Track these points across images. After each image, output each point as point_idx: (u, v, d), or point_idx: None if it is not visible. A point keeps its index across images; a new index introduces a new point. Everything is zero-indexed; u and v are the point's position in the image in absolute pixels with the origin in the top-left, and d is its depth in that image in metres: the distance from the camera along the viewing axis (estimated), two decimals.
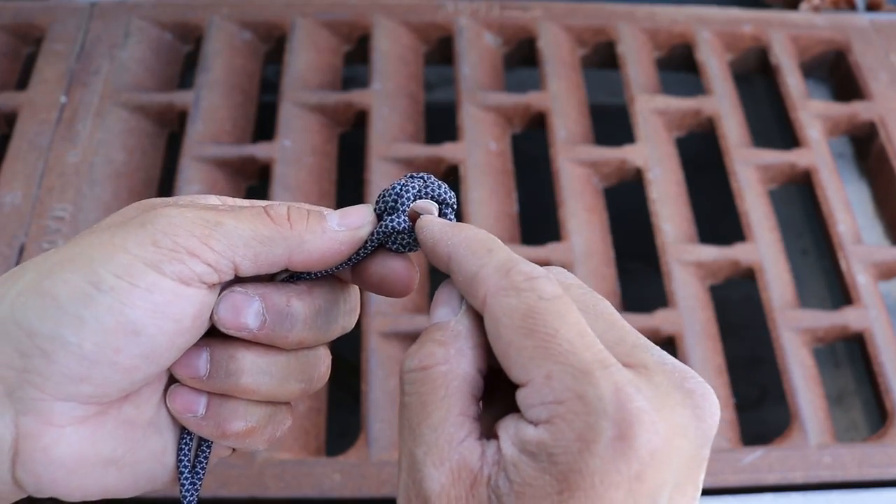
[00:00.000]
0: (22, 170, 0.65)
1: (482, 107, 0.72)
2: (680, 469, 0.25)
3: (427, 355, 0.27)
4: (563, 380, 0.24)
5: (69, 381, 0.27)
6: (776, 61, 0.78)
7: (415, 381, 0.27)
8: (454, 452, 0.26)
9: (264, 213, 0.29)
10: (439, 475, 0.25)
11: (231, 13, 0.76)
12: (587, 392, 0.24)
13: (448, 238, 0.29)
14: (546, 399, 0.24)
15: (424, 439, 0.26)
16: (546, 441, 0.24)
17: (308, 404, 0.58)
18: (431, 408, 0.26)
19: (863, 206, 0.75)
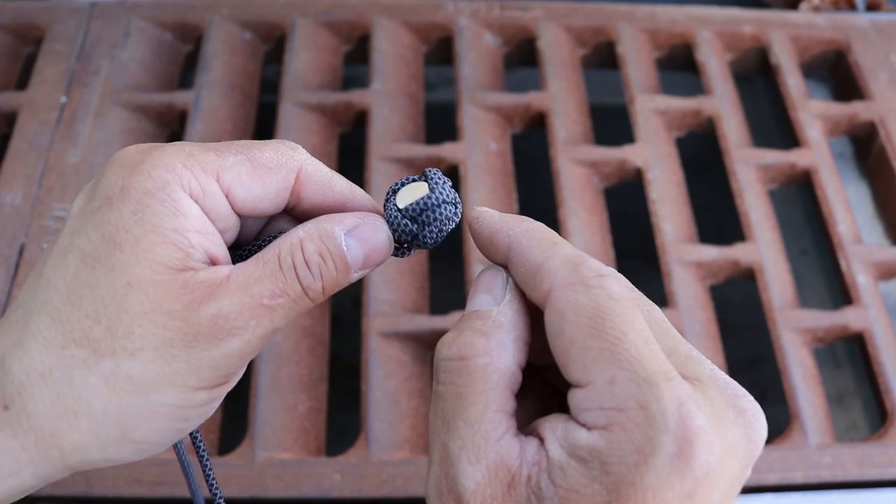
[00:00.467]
0: (22, 170, 0.65)
1: (482, 107, 0.72)
2: (726, 488, 0.25)
3: (467, 345, 0.26)
4: (627, 387, 0.24)
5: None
6: (776, 61, 0.78)
7: (451, 371, 0.26)
8: (491, 450, 0.25)
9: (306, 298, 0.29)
10: (475, 472, 0.25)
11: (231, 13, 0.77)
12: (651, 404, 0.23)
13: (508, 228, 0.29)
14: (606, 405, 0.24)
15: (459, 433, 0.25)
16: (601, 448, 0.23)
17: (308, 404, 0.58)
18: (468, 401, 0.26)
19: (863, 206, 0.75)
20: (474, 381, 0.26)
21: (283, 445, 0.55)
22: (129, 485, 0.52)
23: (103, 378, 0.26)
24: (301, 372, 0.59)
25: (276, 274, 0.28)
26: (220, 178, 0.29)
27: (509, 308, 0.28)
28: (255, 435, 0.55)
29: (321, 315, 0.63)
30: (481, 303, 0.28)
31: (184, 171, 0.28)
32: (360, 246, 0.30)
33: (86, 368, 0.26)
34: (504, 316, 0.27)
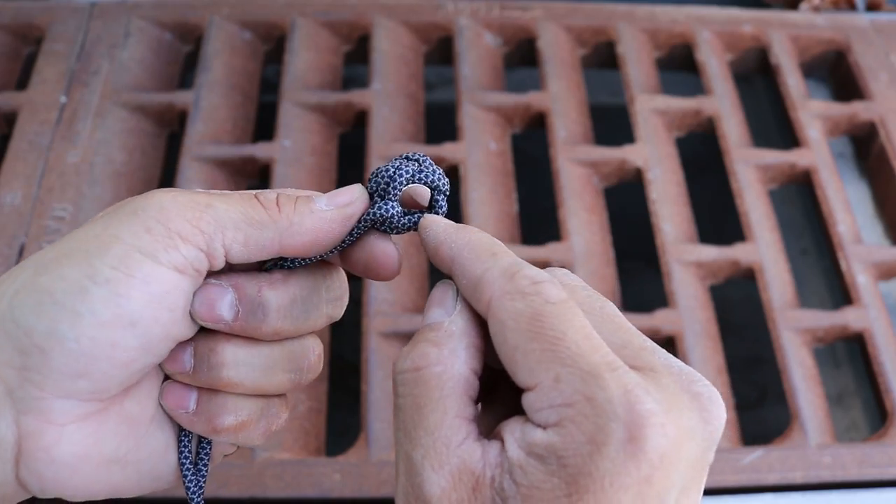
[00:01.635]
0: (22, 170, 0.65)
1: (482, 107, 0.72)
2: (686, 472, 0.25)
3: (420, 356, 0.27)
4: (572, 382, 0.24)
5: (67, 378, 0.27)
6: (776, 61, 0.78)
7: (407, 383, 0.27)
8: (453, 455, 0.25)
9: (254, 198, 0.29)
10: (439, 479, 0.25)
11: (231, 13, 0.77)
12: (596, 395, 0.24)
13: (452, 240, 0.29)
14: (555, 402, 0.24)
15: (421, 442, 0.26)
16: (556, 444, 0.24)
17: (308, 405, 0.58)
18: (427, 410, 0.26)
19: (863, 206, 0.75)
20: (430, 390, 0.26)
21: (283, 445, 0.55)
22: None
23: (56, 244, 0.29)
24: None
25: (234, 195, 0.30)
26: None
27: (460, 317, 0.28)
28: None
29: None
30: (434, 316, 0.29)
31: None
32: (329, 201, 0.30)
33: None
34: (455, 325, 0.28)
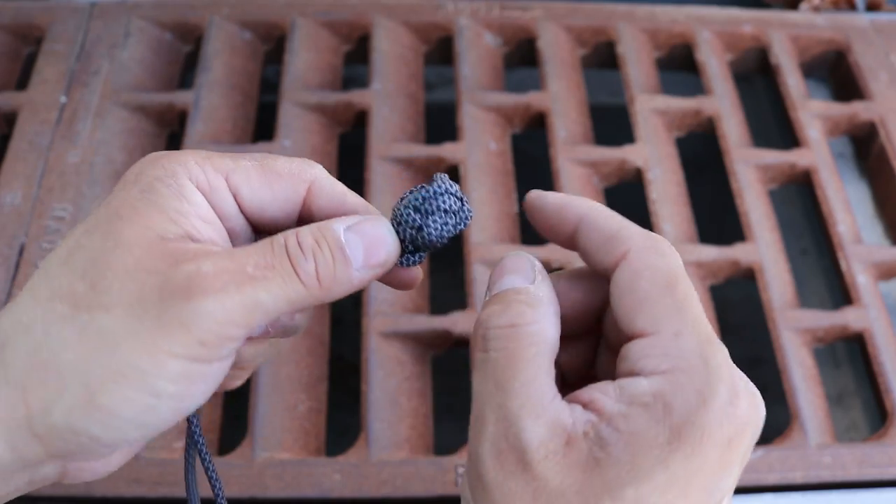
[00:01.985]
0: (22, 170, 0.65)
1: (482, 107, 0.72)
2: (747, 447, 0.27)
3: (517, 314, 0.28)
4: (690, 341, 0.27)
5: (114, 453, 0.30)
6: (776, 61, 0.78)
7: (502, 338, 0.28)
8: (549, 409, 0.26)
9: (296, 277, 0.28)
10: (537, 427, 0.26)
11: (231, 13, 0.77)
12: (710, 358, 0.26)
13: (576, 202, 0.31)
14: (670, 352, 0.26)
15: (518, 392, 0.27)
16: (665, 390, 0.26)
17: (308, 404, 0.58)
18: (522, 363, 0.27)
19: (863, 206, 0.75)
20: (527, 347, 0.27)
21: (283, 445, 0.55)
22: (128, 485, 0.52)
23: (77, 331, 0.26)
24: (301, 372, 0.59)
25: (265, 248, 0.28)
26: (228, 178, 0.30)
27: (544, 285, 0.30)
28: (254, 435, 0.55)
29: (321, 315, 0.63)
30: (514, 281, 0.30)
31: (194, 166, 0.29)
32: (361, 240, 0.30)
33: (63, 322, 0.26)
34: (542, 291, 0.29)
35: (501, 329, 0.28)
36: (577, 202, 0.31)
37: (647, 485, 0.25)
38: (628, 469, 0.25)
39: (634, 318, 0.27)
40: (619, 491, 0.25)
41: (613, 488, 0.25)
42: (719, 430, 0.25)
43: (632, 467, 0.25)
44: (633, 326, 0.27)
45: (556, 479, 0.25)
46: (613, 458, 0.25)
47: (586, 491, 0.25)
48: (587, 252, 0.30)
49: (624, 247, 0.29)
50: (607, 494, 0.25)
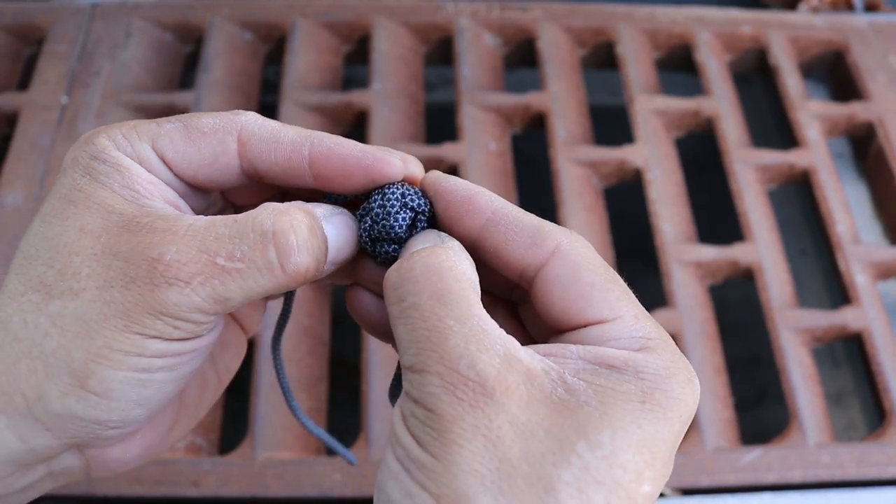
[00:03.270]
0: (23, 170, 0.65)
1: (482, 107, 0.72)
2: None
3: (429, 254, 0.27)
4: (647, 323, 0.27)
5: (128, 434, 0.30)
6: (775, 62, 0.78)
7: (419, 279, 0.26)
8: (496, 342, 0.25)
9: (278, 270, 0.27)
10: (491, 359, 0.24)
11: (232, 14, 0.77)
12: (669, 340, 0.27)
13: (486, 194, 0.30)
14: (636, 334, 0.27)
15: (455, 330, 0.25)
16: (637, 360, 0.26)
17: (308, 404, 0.58)
18: (450, 300, 0.25)
19: (861, 206, 0.75)
20: (450, 283, 0.26)
21: (283, 445, 0.55)
22: (129, 484, 0.53)
23: (51, 319, 0.26)
24: (301, 372, 0.59)
25: (242, 235, 0.26)
26: (154, 144, 0.29)
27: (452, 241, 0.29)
28: (255, 434, 0.55)
29: (321, 315, 0.63)
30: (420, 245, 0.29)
31: (122, 139, 0.29)
32: (335, 233, 0.29)
33: (37, 311, 0.26)
34: (451, 243, 0.28)
35: (413, 271, 0.26)
36: (486, 194, 0.30)
37: (623, 437, 0.24)
38: (600, 415, 0.24)
39: (585, 309, 0.27)
40: (595, 435, 0.24)
41: (588, 432, 0.24)
42: (682, 404, 0.25)
43: (603, 414, 0.24)
44: (585, 316, 0.27)
45: (523, 415, 0.24)
46: (582, 402, 0.24)
47: (557, 430, 0.24)
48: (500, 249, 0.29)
49: (552, 242, 0.28)
50: (582, 438, 0.24)
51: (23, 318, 0.26)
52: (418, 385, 0.25)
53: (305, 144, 0.29)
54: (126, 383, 0.27)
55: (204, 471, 0.53)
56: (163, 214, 0.27)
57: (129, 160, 0.28)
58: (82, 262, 0.26)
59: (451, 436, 0.23)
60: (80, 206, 0.27)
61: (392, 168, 0.30)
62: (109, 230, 0.27)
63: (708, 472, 0.55)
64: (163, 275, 0.26)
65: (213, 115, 0.30)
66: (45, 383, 0.26)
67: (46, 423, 0.27)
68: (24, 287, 0.27)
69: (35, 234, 0.28)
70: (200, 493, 0.53)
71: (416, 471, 0.24)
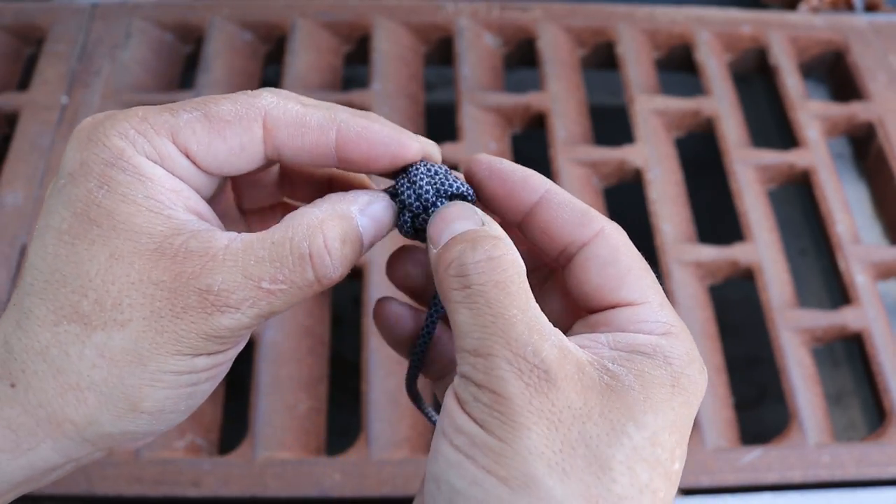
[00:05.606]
0: (23, 170, 0.65)
1: (482, 107, 0.72)
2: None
3: (492, 247, 0.27)
4: (671, 312, 0.29)
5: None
6: (775, 62, 0.78)
7: (484, 271, 0.27)
8: (550, 332, 0.26)
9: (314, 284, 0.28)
10: (551, 349, 0.26)
11: (231, 14, 0.77)
12: (685, 327, 0.29)
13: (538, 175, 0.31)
14: (661, 319, 0.28)
15: (519, 318, 0.26)
16: (664, 345, 0.27)
17: (308, 404, 0.58)
18: (513, 290, 0.26)
19: (861, 206, 0.75)
20: (512, 275, 0.27)
21: (283, 445, 0.55)
22: (129, 484, 0.53)
23: (98, 350, 0.26)
24: (301, 372, 0.59)
25: (282, 259, 0.27)
26: (175, 139, 0.28)
27: (494, 224, 0.29)
28: (255, 434, 0.55)
29: (321, 315, 0.63)
30: (465, 225, 0.29)
31: (137, 136, 0.27)
32: (372, 225, 0.30)
33: (80, 343, 0.26)
34: (495, 229, 0.29)
35: (479, 263, 0.27)
36: (539, 175, 0.31)
37: (662, 418, 0.26)
38: (643, 398, 0.26)
39: (619, 289, 0.29)
40: (641, 416, 0.25)
41: (636, 414, 0.25)
42: (700, 389, 0.27)
43: (646, 398, 0.26)
44: (618, 296, 0.29)
45: (580, 400, 0.25)
46: (626, 387, 0.26)
47: (609, 414, 0.25)
48: (550, 225, 0.30)
49: (598, 224, 0.30)
50: (631, 420, 0.25)
51: (64, 349, 0.26)
52: (484, 369, 0.25)
53: (332, 128, 0.29)
54: (177, 399, 0.28)
55: (204, 471, 0.53)
56: (193, 231, 0.27)
57: (149, 165, 0.27)
58: (121, 291, 0.26)
59: (521, 419, 0.24)
60: (103, 226, 0.26)
61: (412, 152, 0.30)
62: (141, 254, 0.26)
63: (708, 472, 0.55)
64: (214, 304, 0.26)
65: (231, 101, 0.28)
66: (97, 411, 0.26)
67: (95, 442, 0.27)
68: (57, 316, 0.26)
69: (54, 255, 0.27)
70: (200, 493, 0.53)
71: (482, 456, 0.24)
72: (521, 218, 0.31)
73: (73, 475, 0.52)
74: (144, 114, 0.28)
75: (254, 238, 0.27)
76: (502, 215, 0.31)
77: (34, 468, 0.27)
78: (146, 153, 0.27)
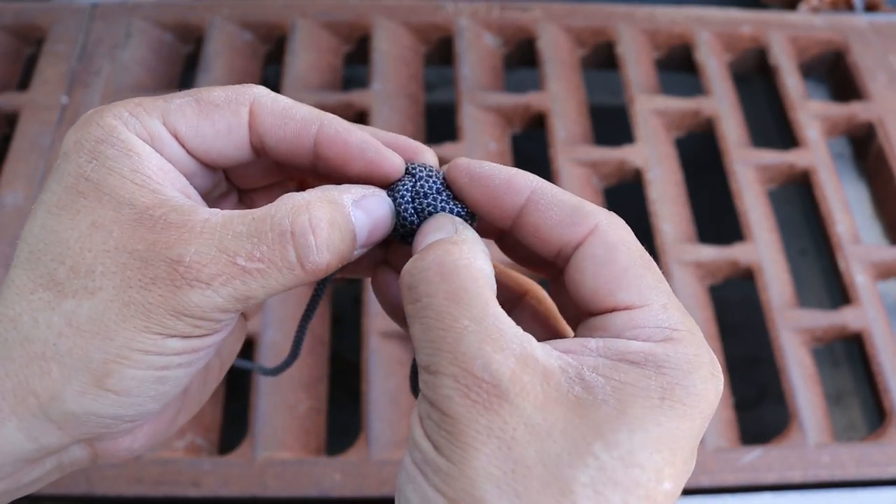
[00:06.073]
0: (23, 170, 0.65)
1: (482, 107, 0.72)
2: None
3: (443, 252, 0.26)
4: (677, 314, 0.26)
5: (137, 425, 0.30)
6: (775, 62, 0.78)
7: (433, 280, 0.25)
8: (512, 341, 0.24)
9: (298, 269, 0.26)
10: (506, 360, 0.24)
11: (231, 14, 0.77)
12: (696, 331, 0.26)
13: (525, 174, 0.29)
14: (662, 324, 0.26)
15: (471, 330, 0.24)
16: (658, 354, 0.25)
17: (308, 404, 0.58)
18: (466, 300, 0.25)
19: (861, 206, 0.75)
20: (465, 282, 0.25)
21: (283, 445, 0.55)
22: (129, 484, 0.53)
23: (66, 318, 0.25)
24: (301, 372, 0.59)
25: (261, 234, 0.26)
26: (165, 121, 0.28)
27: (467, 232, 0.28)
28: (255, 434, 0.55)
29: (321, 315, 0.63)
30: (435, 236, 0.28)
31: (129, 117, 0.27)
32: (367, 219, 0.28)
33: (49, 310, 0.25)
34: (464, 236, 0.28)
35: (426, 272, 0.26)
36: (524, 174, 0.29)
37: (640, 435, 0.23)
38: (617, 414, 0.23)
39: (615, 291, 0.26)
40: (612, 435, 0.23)
41: (605, 432, 0.23)
42: (704, 399, 0.25)
43: (620, 413, 0.23)
44: (614, 299, 0.26)
45: (538, 416, 0.23)
46: (599, 401, 0.24)
47: (573, 431, 0.23)
48: (539, 227, 0.28)
49: (592, 220, 0.27)
50: (598, 438, 0.23)
51: (34, 316, 0.25)
52: (433, 387, 0.24)
53: (315, 123, 0.29)
54: (145, 381, 0.26)
55: (204, 471, 0.53)
56: (176, 206, 0.26)
57: (139, 142, 0.27)
58: (95, 258, 0.26)
59: (466, 439, 0.23)
60: (89, 196, 0.26)
61: (391, 169, 0.30)
62: (121, 223, 0.26)
63: (708, 472, 0.55)
64: (183, 276, 0.25)
65: (223, 88, 0.29)
66: (60, 384, 0.25)
67: (60, 423, 0.26)
68: (34, 284, 0.26)
69: (41, 226, 0.26)
70: (200, 493, 0.53)
71: (433, 474, 0.24)
72: (512, 223, 0.29)
73: (73, 475, 0.52)
74: (140, 100, 0.28)
75: (235, 213, 0.26)
76: (492, 222, 0.30)
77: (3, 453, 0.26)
78: (137, 132, 0.27)
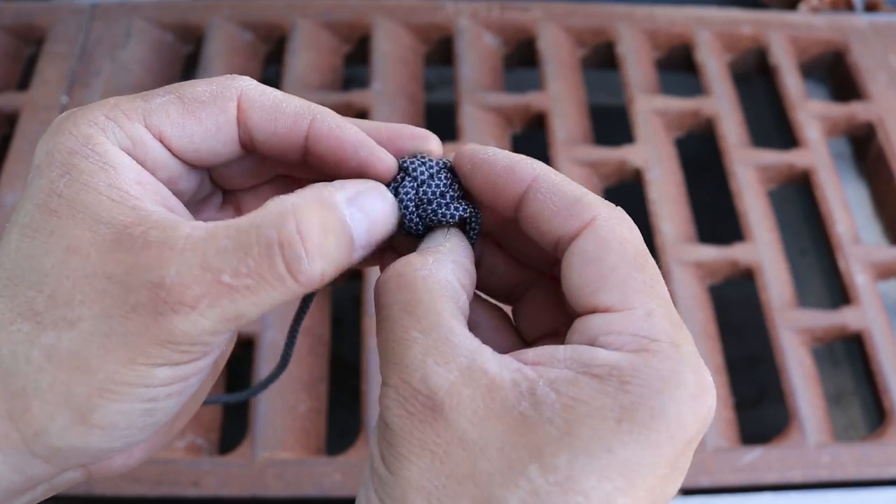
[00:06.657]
0: (23, 170, 0.65)
1: (482, 107, 0.72)
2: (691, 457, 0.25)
3: (403, 263, 0.26)
4: (663, 323, 0.24)
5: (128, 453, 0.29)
6: (775, 62, 0.78)
7: (391, 290, 0.25)
8: (459, 353, 0.23)
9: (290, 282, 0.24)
10: (446, 373, 0.23)
11: (232, 14, 0.77)
12: (682, 345, 0.24)
13: (528, 161, 0.27)
14: (641, 332, 0.24)
15: (418, 342, 0.24)
16: (624, 368, 0.23)
17: (308, 404, 0.58)
18: (418, 312, 0.24)
19: (861, 206, 0.75)
20: (419, 293, 0.25)
21: (283, 445, 0.55)
22: (129, 484, 0.53)
23: (45, 353, 0.23)
24: (301, 372, 0.59)
25: (247, 248, 0.23)
26: (147, 123, 0.26)
27: (448, 241, 0.28)
28: (255, 435, 0.55)
29: (321, 315, 0.63)
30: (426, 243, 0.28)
31: (107, 121, 0.25)
32: (365, 219, 0.26)
33: (28, 342, 0.23)
34: (443, 246, 0.27)
35: (390, 280, 0.25)
36: (528, 161, 0.27)
37: (584, 461, 0.21)
38: (561, 435, 0.22)
39: (598, 291, 0.25)
40: (550, 459, 0.21)
41: (544, 454, 0.22)
42: (680, 426, 0.22)
43: (566, 434, 0.22)
44: (595, 299, 0.25)
45: (474, 431, 0.22)
46: (545, 419, 0.22)
47: (510, 450, 0.22)
48: (538, 217, 0.27)
49: (590, 213, 0.26)
50: (536, 460, 0.22)
51: (13, 350, 0.24)
52: (381, 397, 0.24)
53: (308, 118, 0.27)
54: (132, 414, 0.24)
55: (204, 471, 0.53)
56: (156, 222, 0.24)
57: (116, 151, 0.25)
58: (74, 286, 0.23)
59: (403, 451, 0.23)
60: (63, 216, 0.24)
61: (382, 168, 0.28)
62: (98, 245, 0.23)
63: (708, 472, 0.55)
64: (166, 301, 0.23)
65: (206, 82, 0.27)
66: (44, 421, 0.24)
67: (46, 458, 0.25)
68: (12, 314, 0.24)
69: (16, 250, 0.24)
70: (200, 493, 0.53)
71: (378, 484, 0.23)
72: (513, 212, 0.28)
73: None
74: (116, 101, 0.26)
75: (220, 225, 0.24)
76: (496, 211, 0.29)
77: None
78: (117, 140, 0.25)
